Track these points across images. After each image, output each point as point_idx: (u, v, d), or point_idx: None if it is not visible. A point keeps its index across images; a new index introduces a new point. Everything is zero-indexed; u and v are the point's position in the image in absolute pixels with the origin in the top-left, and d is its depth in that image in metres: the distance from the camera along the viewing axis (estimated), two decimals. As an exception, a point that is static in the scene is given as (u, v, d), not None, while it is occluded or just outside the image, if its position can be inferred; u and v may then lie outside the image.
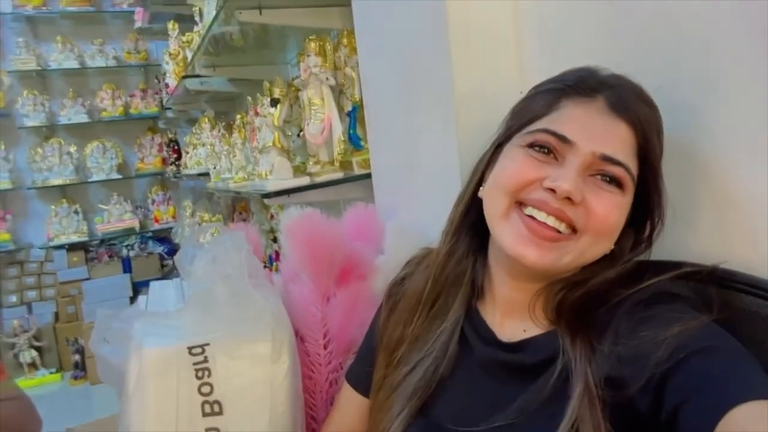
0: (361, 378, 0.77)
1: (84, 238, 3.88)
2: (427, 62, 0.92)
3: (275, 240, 1.88)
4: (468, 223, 0.67)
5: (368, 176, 1.18)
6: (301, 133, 1.39)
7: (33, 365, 3.54)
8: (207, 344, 0.77)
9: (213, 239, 0.90)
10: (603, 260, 0.59)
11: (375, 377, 0.72)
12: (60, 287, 3.75)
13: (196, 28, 2.17)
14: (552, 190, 0.55)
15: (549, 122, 0.58)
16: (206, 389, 0.77)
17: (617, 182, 0.56)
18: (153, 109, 4.07)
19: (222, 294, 0.79)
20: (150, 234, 4.16)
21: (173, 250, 4.10)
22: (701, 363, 0.47)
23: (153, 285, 1.11)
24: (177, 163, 3.55)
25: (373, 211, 1.06)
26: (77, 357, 3.52)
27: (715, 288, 0.56)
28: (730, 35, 0.59)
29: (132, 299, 3.72)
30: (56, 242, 3.78)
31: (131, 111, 4.07)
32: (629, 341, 0.52)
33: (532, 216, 0.56)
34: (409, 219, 1.02)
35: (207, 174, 2.26)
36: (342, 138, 1.18)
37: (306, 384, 0.93)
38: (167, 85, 2.98)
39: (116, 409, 0.83)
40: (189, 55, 2.35)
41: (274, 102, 1.18)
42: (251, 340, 0.78)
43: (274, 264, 1.77)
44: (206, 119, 2.35)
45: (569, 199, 0.54)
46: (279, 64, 2.08)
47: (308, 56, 1.19)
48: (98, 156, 3.96)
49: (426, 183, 0.98)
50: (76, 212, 3.90)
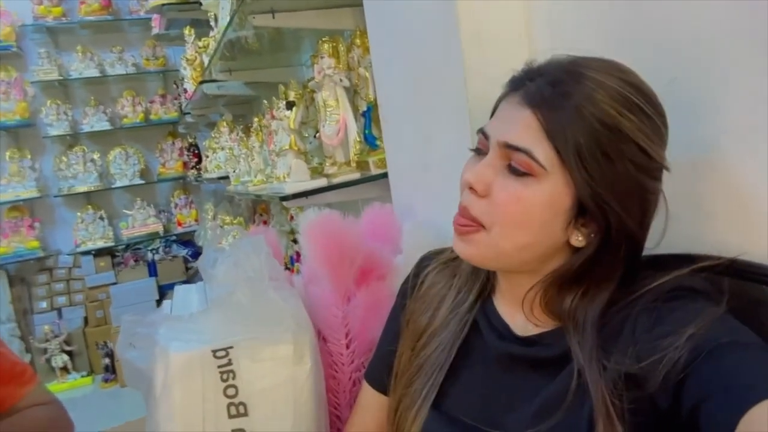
0: (380, 376, 0.77)
1: (110, 244, 3.96)
2: (439, 61, 0.92)
3: (296, 241, 1.90)
4: None
5: (385, 176, 1.19)
6: (318, 134, 1.40)
7: (65, 369, 3.63)
8: (230, 347, 0.78)
9: (233, 243, 0.92)
10: (573, 253, 0.58)
11: (398, 362, 0.72)
12: (88, 292, 3.83)
13: (212, 33, 2.20)
14: (468, 187, 0.58)
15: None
16: (231, 391, 0.79)
17: (519, 170, 0.54)
18: (173, 114, 4.12)
19: (243, 297, 0.81)
20: (174, 237, 4.23)
21: (197, 253, 4.16)
22: (721, 360, 0.46)
23: (177, 289, 1.13)
24: (198, 167, 3.59)
25: (390, 211, 1.06)
26: (107, 360, 3.60)
27: (733, 279, 0.55)
28: (736, 28, 0.58)
29: (158, 302, 3.78)
30: (83, 248, 3.86)
31: (151, 117, 4.13)
32: (647, 339, 0.52)
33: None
34: (426, 218, 1.03)
35: (227, 177, 2.29)
36: (357, 138, 1.18)
37: (330, 384, 0.94)
38: (186, 90, 3.02)
39: (146, 412, 0.85)
40: (206, 60, 2.38)
41: (290, 105, 1.19)
42: (273, 343, 0.79)
43: (296, 265, 1.79)
44: (224, 123, 2.38)
45: (473, 190, 0.57)
46: (294, 66, 2.10)
47: (322, 58, 1.20)
48: (121, 162, 4.03)
49: (441, 181, 0.98)
50: (102, 218, 3.97)
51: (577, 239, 0.56)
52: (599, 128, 0.52)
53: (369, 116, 1.22)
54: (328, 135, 1.19)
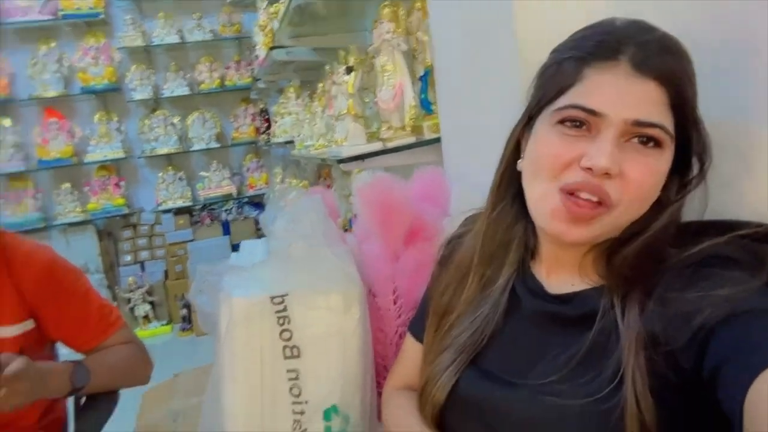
0: (420, 329, 0.82)
1: (188, 203, 4.21)
2: (492, 25, 0.93)
3: (355, 204, 1.97)
4: (512, 193, 0.69)
5: (439, 140, 1.21)
6: (376, 100, 1.44)
7: (146, 318, 3.95)
8: (286, 295, 0.85)
9: (293, 202, 0.98)
10: (650, 209, 0.59)
11: (425, 338, 0.76)
12: (169, 248, 4.12)
13: None
14: (590, 169, 0.55)
15: (576, 95, 0.57)
16: (286, 335, 0.86)
17: (654, 143, 0.55)
18: (246, 80, 4.27)
19: (299, 251, 0.88)
20: (246, 199, 4.43)
21: (266, 214, 4.33)
22: (748, 325, 0.47)
23: (243, 244, 1.22)
24: (268, 132, 3.73)
25: (441, 174, 1.09)
26: (185, 311, 3.88)
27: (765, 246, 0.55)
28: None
29: (230, 259, 4.00)
30: (164, 206, 4.13)
31: (227, 83, 4.29)
32: (677, 300, 0.53)
33: (574, 193, 0.57)
34: (476, 182, 1.05)
35: (292, 142, 2.38)
36: (413, 103, 1.21)
37: (378, 336, 1.00)
38: (257, 57, 3.12)
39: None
40: (276, 26, 2.44)
41: (349, 70, 1.23)
42: (324, 293, 0.86)
43: (353, 227, 1.85)
44: (292, 89, 2.45)
45: (607, 174, 0.55)
46: (359, 31, 2.12)
47: (381, 23, 1.22)
48: (199, 126, 4.24)
49: (492, 146, 0.99)
50: (181, 179, 4.22)
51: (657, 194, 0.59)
52: (695, 90, 0.57)
53: (426, 81, 1.24)
54: (385, 99, 1.23)
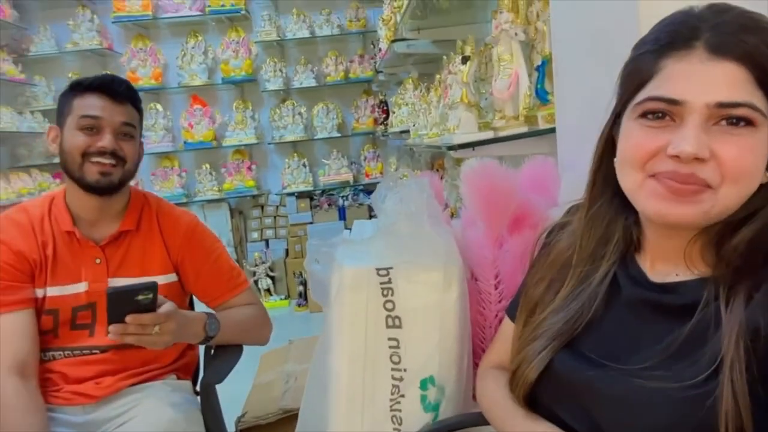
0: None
1: (310, 188, 4.47)
2: (614, 17, 0.92)
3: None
4: (611, 191, 0.69)
5: (552, 131, 1.21)
6: (486, 92, 1.45)
7: (268, 291, 4.27)
8: (391, 268, 0.91)
9: (402, 183, 1.04)
10: (758, 192, 0.57)
11: (516, 324, 0.78)
12: (290, 228, 4.40)
13: (406, -7, 2.33)
14: (677, 156, 0.55)
15: (654, 87, 0.57)
16: (389, 306, 0.92)
17: (745, 122, 0.54)
18: (368, 73, 4.43)
19: (405, 228, 0.93)
20: (361, 187, 4.61)
21: (381, 203, 4.47)
22: None
23: (356, 223, 1.31)
24: (385, 123, 3.85)
25: (552, 164, 1.09)
26: (301, 288, 4.14)
27: None
28: None
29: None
30: (288, 190, 4.43)
31: (350, 75, 4.48)
32: None
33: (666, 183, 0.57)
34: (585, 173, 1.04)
35: (408, 132, 2.45)
36: (528, 93, 1.22)
37: (477, 319, 1.03)
38: (380, 50, 3.23)
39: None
40: (399, 20, 2.53)
41: (465, 59, 1.26)
42: (426, 269, 0.91)
43: (463, 216, 1.88)
44: (410, 80, 2.52)
45: (698, 159, 0.54)
46: (480, 23, 2.14)
47: (501, 13, 1.24)
48: (323, 116, 4.47)
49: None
50: (304, 165, 4.49)
51: (766, 176, 0.58)
52: None
53: (543, 71, 1.24)
54: (499, 89, 1.24)
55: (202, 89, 4.39)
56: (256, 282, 4.22)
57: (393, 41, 2.40)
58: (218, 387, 1.34)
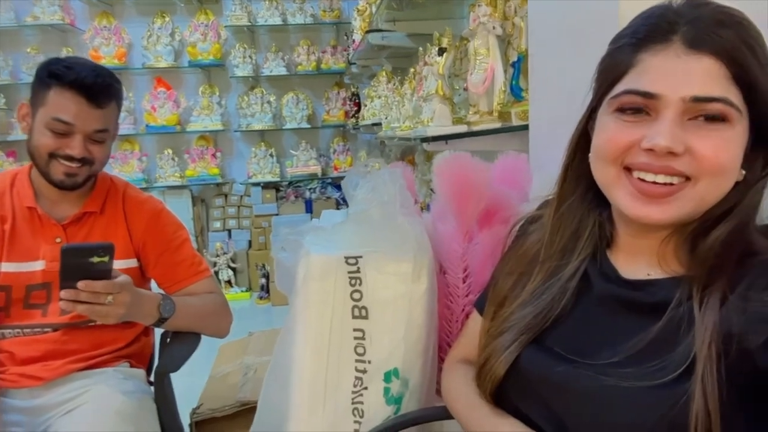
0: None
1: (276, 179, 4.40)
2: (594, 14, 0.91)
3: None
4: (583, 187, 0.69)
5: (526, 128, 1.21)
6: (466, 86, 1.44)
7: (229, 282, 4.19)
8: (360, 256, 0.89)
9: (375, 172, 1.02)
10: (734, 190, 0.57)
11: (483, 318, 0.77)
12: (254, 219, 4.33)
13: (382, -16, 2.30)
14: (651, 150, 0.54)
15: (631, 81, 0.57)
16: (357, 295, 0.90)
17: (720, 118, 0.53)
18: (341, 65, 4.38)
19: (376, 217, 0.91)
20: (330, 180, 4.57)
21: (348, 197, 4.44)
22: None
23: (324, 212, 1.28)
24: (356, 116, 3.82)
25: (524, 161, 1.09)
26: (263, 281, 4.07)
27: None
28: None
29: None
30: (254, 180, 4.34)
31: (322, 66, 4.42)
32: (758, 299, 0.52)
33: (641, 178, 0.57)
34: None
35: (380, 124, 2.43)
36: (503, 88, 1.21)
37: (443, 312, 1.02)
38: (354, 41, 3.20)
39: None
40: (374, 10, 2.50)
41: (441, 51, 1.25)
42: (396, 259, 0.89)
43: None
44: (384, 73, 2.50)
45: (672, 153, 0.54)
46: (457, 18, 2.13)
47: (479, 6, 1.23)
48: (292, 106, 4.41)
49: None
50: (272, 155, 4.41)
51: (742, 174, 0.58)
52: (763, 59, 0.55)
53: (518, 67, 1.24)
54: (474, 83, 1.23)
55: (167, 72, 4.27)
56: (217, 273, 4.13)
57: (368, 32, 2.37)
58: (174, 378, 1.30)
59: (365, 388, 0.89)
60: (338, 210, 4.10)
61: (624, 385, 0.56)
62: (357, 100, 4.02)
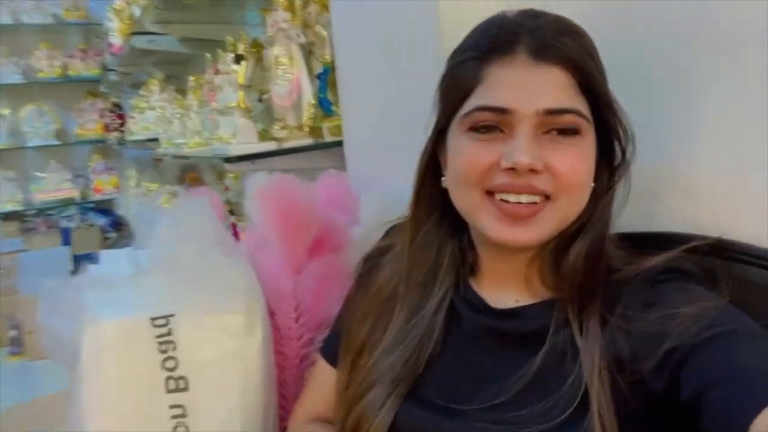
0: (336, 354, 0.72)
1: (19, 207, 3.64)
2: (413, 21, 0.87)
3: (232, 212, 1.80)
4: (438, 213, 0.64)
5: (339, 144, 1.13)
6: (263, 98, 1.31)
7: (-39, 342, 3.31)
8: (171, 315, 0.70)
9: (175, 203, 0.83)
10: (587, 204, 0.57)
11: (340, 369, 0.67)
12: (-9, 259, 3.50)
13: (145, -18, 2.02)
14: (512, 169, 0.51)
15: (480, 97, 0.54)
16: (171, 364, 0.71)
17: (573, 131, 0.53)
18: (94, 72, 3.82)
19: (188, 260, 0.73)
20: (91, 205, 3.96)
21: (117, 223, 3.92)
22: (731, 346, 0.45)
23: (103, 254, 1.02)
24: (121, 130, 3.36)
25: (347, 180, 1.01)
26: (14, 332, 3.31)
27: (720, 261, 0.55)
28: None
29: (74, 273, 3.52)
30: (-12, 211, 3.53)
31: (70, 73, 3.82)
32: (641, 319, 0.50)
33: (504, 200, 0.54)
34: (386, 189, 0.98)
35: (156, 140, 2.13)
36: (312, 102, 1.11)
37: (276, 359, 0.88)
38: (110, 45, 2.79)
39: (58, 387, 0.76)
40: (136, 12, 2.19)
41: (239, 58, 1.10)
42: (221, 311, 0.72)
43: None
44: (155, 81, 2.21)
45: (533, 170, 0.51)
46: (237, 24, 1.97)
47: (276, 10, 1.11)
48: (34, 120, 3.70)
49: (409, 152, 0.93)
50: (11, 179, 3.64)
51: (591, 186, 0.57)
52: (601, 68, 0.55)
53: (325, 79, 1.15)
54: (280, 95, 1.11)
55: None
56: (-59, 332, 3.23)
57: (132, 33, 2.06)
58: None
59: (194, 479, 0.71)
60: (107, 249, 3.54)
61: (508, 430, 0.51)
62: (120, 112, 3.53)
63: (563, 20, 0.54)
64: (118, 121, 3.50)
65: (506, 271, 0.61)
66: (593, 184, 0.57)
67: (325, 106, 1.15)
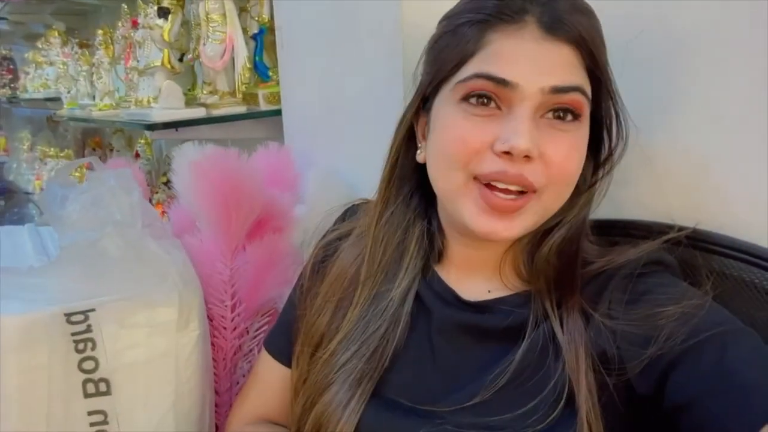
0: (283, 348, 0.65)
1: None
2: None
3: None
4: (407, 190, 0.59)
5: (277, 113, 1.03)
6: (185, 58, 1.18)
7: None
8: (91, 310, 0.60)
9: (92, 177, 0.71)
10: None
11: (297, 365, 0.61)
12: None
13: None
14: (506, 153, 0.47)
15: (481, 64, 0.48)
16: (89, 365, 0.61)
17: (573, 113, 0.48)
18: (-23, 18, 3.36)
19: (111, 246, 0.63)
20: (-24, 169, 3.53)
21: (4, 189, 3.53)
22: (717, 355, 0.43)
23: (3, 231, 0.88)
24: (12, 86, 2.99)
25: (288, 154, 0.92)
26: None
27: (697, 252, 0.54)
28: None
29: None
30: None
31: (-53, 17, 3.33)
32: (625, 316, 0.48)
33: (491, 185, 0.49)
34: (331, 165, 0.91)
35: (57, 99, 1.90)
36: (247, 65, 1.01)
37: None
38: (-1, -12, 2.45)
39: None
40: (31, -49, 1.92)
41: (164, 12, 0.96)
42: (151, 305, 0.62)
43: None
44: (55, 33, 1.96)
45: (528, 157, 0.47)
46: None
47: (207, -39, 0.99)
48: None
49: (357, 125, 0.86)
50: None
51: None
52: (607, 61, 0.51)
53: (261, 41, 1.05)
54: (210, 56, 1.00)
55: None
56: None
57: (27, -22, 1.81)
58: None
59: (119, 494, 0.62)
60: (24, 226, 3.17)
61: None
62: (11, 66, 3.15)
63: None
64: (9, 77, 3.11)
65: (477, 260, 0.56)
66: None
67: (261, 71, 1.05)
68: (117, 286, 0.61)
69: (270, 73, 1.05)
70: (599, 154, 0.54)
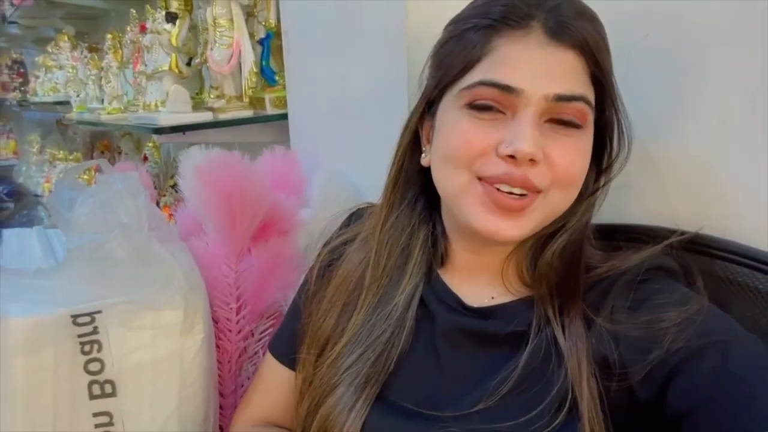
0: (288, 351, 0.65)
1: None
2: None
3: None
4: (412, 194, 0.59)
5: (283, 117, 1.04)
6: (193, 62, 1.19)
7: None
8: (98, 312, 0.61)
9: (100, 180, 0.72)
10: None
11: (301, 368, 0.61)
12: None
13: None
14: (510, 156, 0.47)
15: (485, 70, 0.48)
16: (95, 366, 0.62)
17: (576, 123, 0.48)
18: (-10, 22, 3.40)
19: (118, 249, 0.63)
20: (-14, 171, 3.57)
21: (13, 192, 3.56)
22: (719, 362, 0.43)
23: (7, 235, 0.89)
24: (23, 89, 3.02)
25: (294, 158, 0.93)
26: None
27: (699, 257, 0.54)
28: None
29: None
30: None
31: (-40, 21, 3.37)
32: (627, 323, 0.48)
33: (498, 188, 0.49)
34: (336, 169, 0.91)
35: (67, 103, 1.92)
36: (254, 69, 1.01)
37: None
38: (11, -7, 2.48)
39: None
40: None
41: (172, 17, 0.97)
42: (157, 307, 0.63)
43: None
44: (65, 37, 1.98)
45: (532, 161, 0.47)
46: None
47: (215, -34, 1.00)
48: None
49: (362, 129, 0.87)
50: None
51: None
52: (611, 60, 0.51)
53: (268, 45, 1.06)
54: (218, 60, 1.00)
55: None
56: None
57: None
58: None
59: (123, 495, 0.62)
60: (32, 229, 3.19)
61: None
62: (22, 69, 3.18)
63: (581, 3, 0.50)
64: (19, 80, 3.14)
65: (480, 265, 0.56)
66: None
67: (268, 75, 1.06)
68: (123, 289, 0.62)
69: (277, 78, 1.06)
70: (602, 161, 0.55)
